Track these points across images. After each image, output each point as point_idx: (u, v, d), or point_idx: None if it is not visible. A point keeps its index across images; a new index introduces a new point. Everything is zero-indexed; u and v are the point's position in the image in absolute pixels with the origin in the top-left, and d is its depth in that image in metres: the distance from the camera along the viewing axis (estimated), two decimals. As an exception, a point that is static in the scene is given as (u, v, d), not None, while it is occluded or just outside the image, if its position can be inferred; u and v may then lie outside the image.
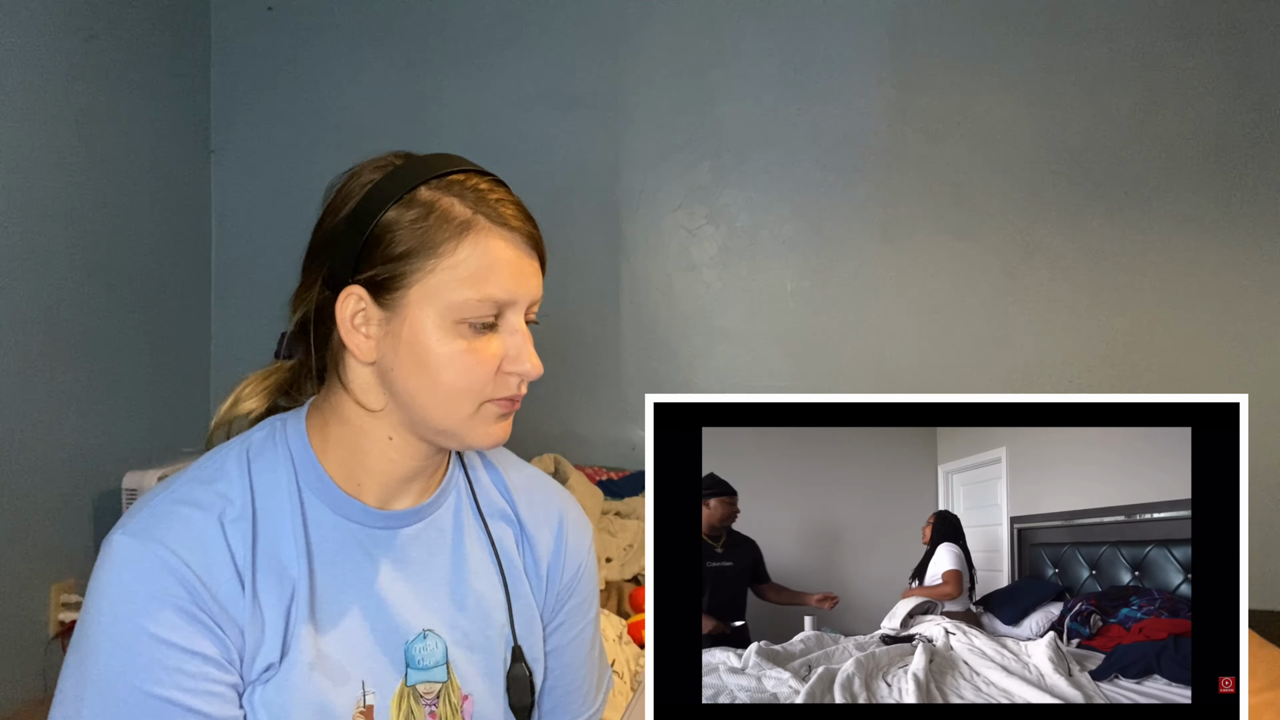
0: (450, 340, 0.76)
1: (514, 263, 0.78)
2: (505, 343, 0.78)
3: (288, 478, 0.79)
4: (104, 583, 0.72)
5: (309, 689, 0.75)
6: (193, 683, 0.71)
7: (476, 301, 0.76)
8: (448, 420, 0.78)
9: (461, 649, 0.83)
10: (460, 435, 0.79)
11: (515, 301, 0.78)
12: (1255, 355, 2.41)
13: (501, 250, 0.77)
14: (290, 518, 0.78)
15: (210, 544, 0.74)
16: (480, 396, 0.78)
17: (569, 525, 0.93)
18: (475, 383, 0.77)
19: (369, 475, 0.81)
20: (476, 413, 0.78)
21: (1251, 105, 2.40)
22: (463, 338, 0.76)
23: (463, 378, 0.76)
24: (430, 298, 0.76)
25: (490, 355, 0.77)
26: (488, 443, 0.80)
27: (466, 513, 0.88)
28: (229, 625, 0.73)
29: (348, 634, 0.78)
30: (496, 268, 0.76)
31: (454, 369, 0.76)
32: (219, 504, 0.76)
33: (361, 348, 0.78)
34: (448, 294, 0.76)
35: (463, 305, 0.76)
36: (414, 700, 0.80)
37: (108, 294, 2.35)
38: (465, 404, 0.77)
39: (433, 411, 0.78)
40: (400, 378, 0.78)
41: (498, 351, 0.78)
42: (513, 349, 0.78)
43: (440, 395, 0.77)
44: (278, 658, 0.75)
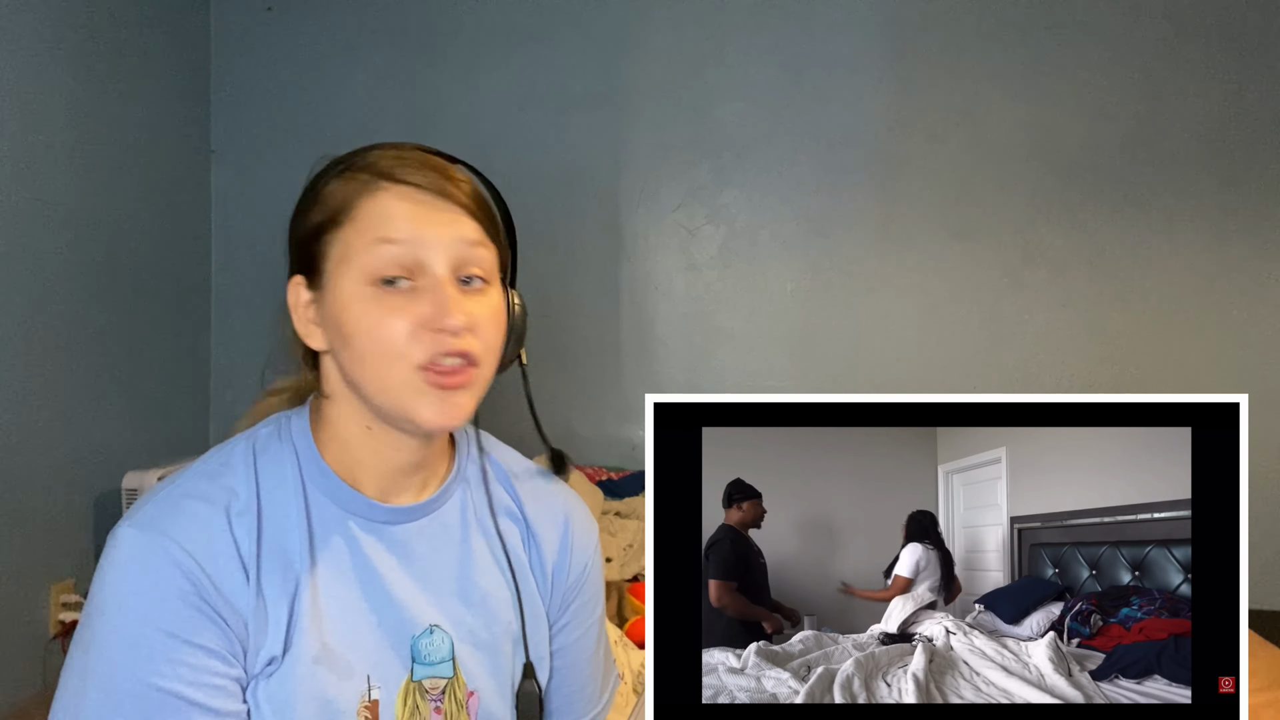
0: (363, 302, 0.74)
1: (410, 212, 0.75)
2: (423, 299, 0.74)
3: (293, 472, 0.79)
4: (109, 575, 0.72)
5: (312, 683, 0.75)
6: (196, 676, 0.71)
7: (376, 252, 0.74)
8: (381, 394, 0.75)
9: (468, 645, 0.83)
10: (400, 411, 0.76)
11: (425, 244, 0.75)
12: (1255, 355, 2.41)
13: (395, 203, 0.75)
14: (295, 512, 0.78)
15: (216, 537, 0.74)
16: (405, 360, 0.74)
17: (575, 524, 0.93)
18: (390, 342, 0.73)
19: (362, 468, 0.81)
20: (409, 382, 0.74)
21: (1251, 105, 2.40)
22: (374, 299, 0.74)
23: (379, 341, 0.74)
24: (341, 265, 0.76)
25: (408, 313, 0.74)
26: (430, 418, 0.75)
27: (473, 509, 0.88)
28: (233, 618, 0.73)
29: (353, 628, 0.78)
30: (391, 217, 0.75)
31: (368, 332, 0.74)
32: (225, 497, 0.76)
33: (311, 335, 0.80)
34: (353, 256, 0.75)
35: (364, 261, 0.74)
36: (420, 695, 0.80)
37: (108, 294, 2.35)
38: (391, 371, 0.74)
39: (367, 387, 0.76)
40: (341, 358, 0.78)
41: (417, 309, 0.74)
42: (429, 304, 0.74)
43: (366, 365, 0.75)
44: (281, 651, 0.75)
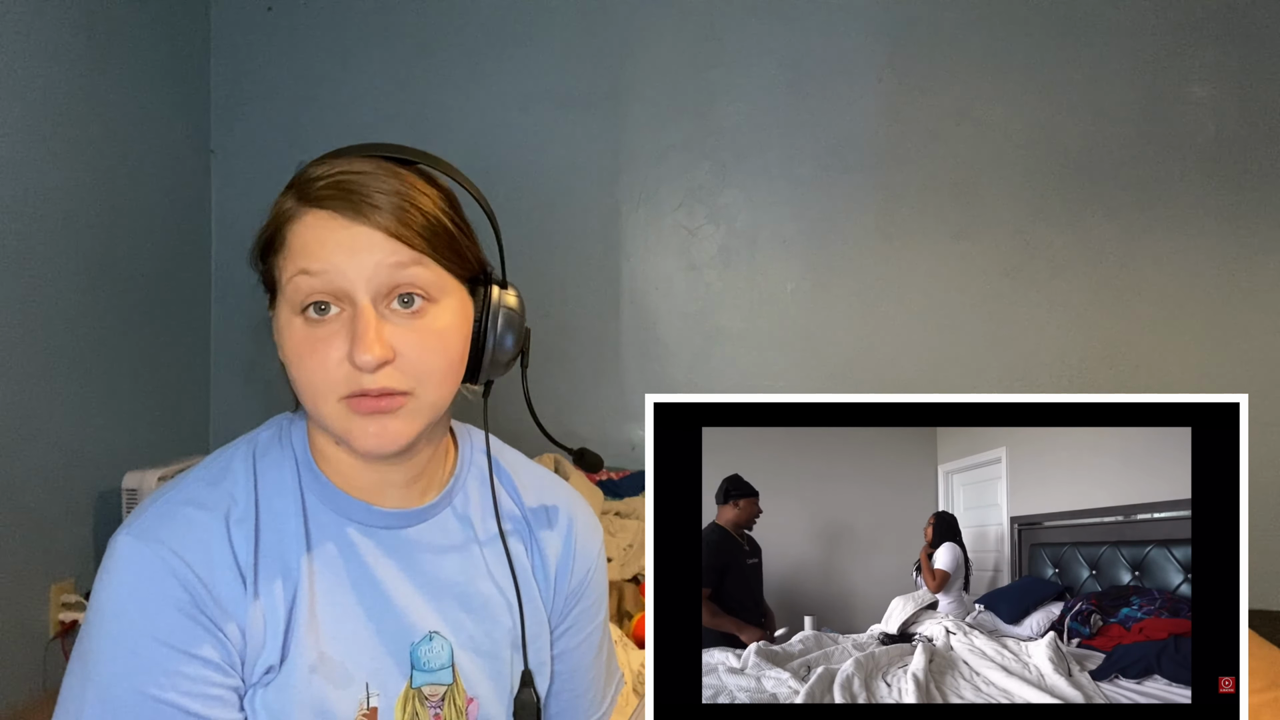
0: (294, 333, 0.73)
1: (325, 238, 0.72)
2: (344, 331, 0.71)
3: (292, 477, 0.79)
4: (107, 584, 0.72)
5: (309, 692, 0.75)
6: (193, 686, 0.71)
7: (295, 283, 0.72)
8: (324, 423, 0.74)
9: (467, 651, 0.83)
10: (340, 437, 0.74)
11: (340, 274, 0.71)
12: (1255, 355, 2.42)
13: (308, 231, 0.72)
14: (294, 518, 0.78)
15: (214, 545, 0.73)
16: (332, 392, 0.72)
17: (578, 528, 0.92)
18: (315, 375, 0.72)
19: (345, 479, 0.80)
20: (337, 412, 0.73)
21: (1251, 105, 2.40)
22: (302, 331, 0.72)
23: (306, 374, 0.72)
24: (280, 294, 0.75)
25: (332, 345, 0.71)
26: (364, 445, 0.73)
27: (475, 513, 0.87)
28: (230, 628, 0.73)
29: (352, 635, 0.78)
30: (307, 245, 0.72)
31: (298, 365, 0.73)
32: (224, 504, 0.75)
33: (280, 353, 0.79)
34: (284, 285, 0.74)
35: (291, 291, 0.72)
36: (419, 703, 0.80)
37: (108, 294, 2.35)
38: (321, 402, 0.73)
39: (310, 413, 0.76)
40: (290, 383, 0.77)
41: (341, 341, 0.71)
42: (348, 337, 0.71)
43: (304, 394, 0.74)
44: (278, 660, 0.74)
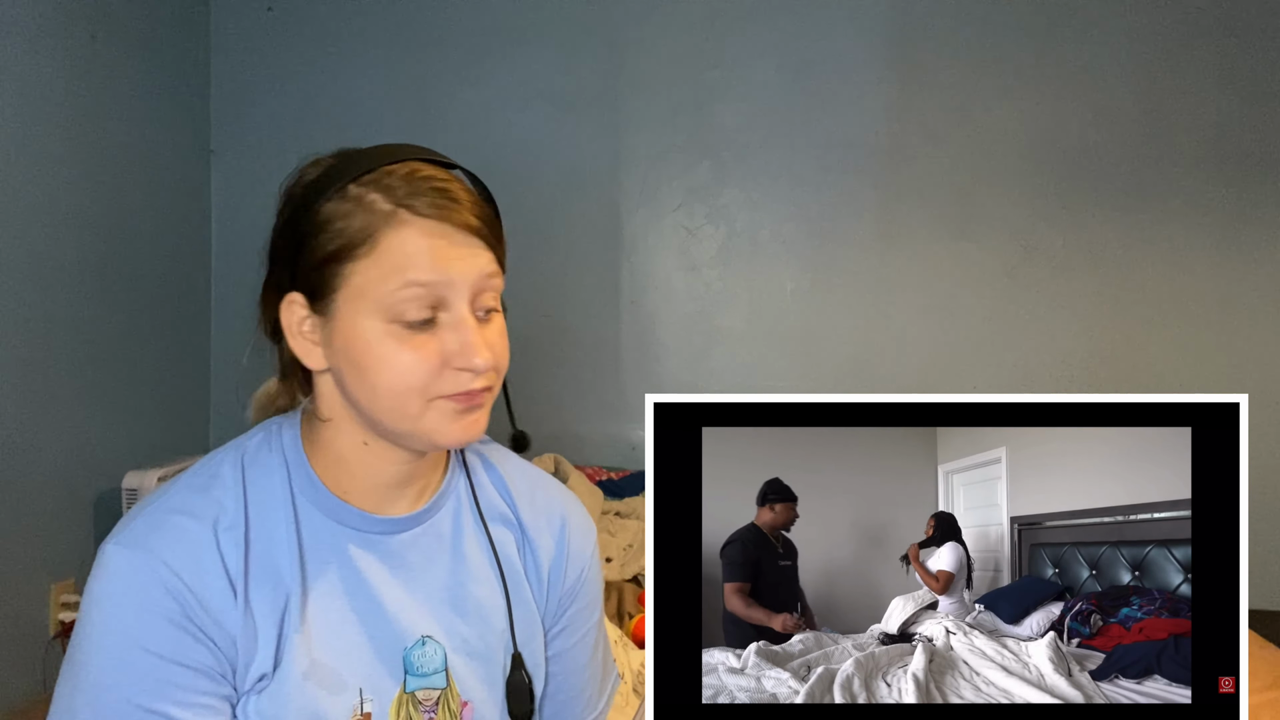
0: (384, 341, 0.72)
1: (437, 249, 0.72)
2: (447, 338, 0.73)
3: (282, 483, 0.78)
4: (96, 593, 0.71)
5: (302, 698, 0.75)
6: (184, 695, 0.71)
7: (400, 294, 0.71)
8: (400, 422, 0.75)
9: (461, 655, 0.82)
10: (420, 435, 0.75)
11: (451, 284, 0.73)
12: (1255, 355, 2.41)
13: (418, 240, 0.72)
14: (284, 524, 0.77)
15: (203, 554, 0.73)
16: (426, 395, 0.73)
17: (572, 528, 0.91)
18: (414, 382, 0.73)
19: (354, 481, 0.80)
20: (428, 411, 0.74)
21: (1251, 105, 2.40)
22: (397, 337, 0.72)
23: (400, 379, 0.72)
24: (358, 299, 0.73)
25: (430, 352, 0.72)
26: (454, 440, 0.75)
27: (466, 516, 0.86)
28: (221, 637, 0.73)
29: (344, 641, 0.78)
30: (416, 256, 0.72)
31: (390, 371, 0.72)
32: (213, 512, 0.75)
33: (310, 355, 0.76)
34: (373, 292, 0.72)
35: (389, 300, 0.72)
36: (413, 707, 0.80)
37: (107, 294, 2.35)
38: (411, 404, 0.73)
39: (381, 416, 0.75)
40: (348, 384, 0.75)
41: (439, 348, 0.73)
42: (454, 343, 0.73)
43: (383, 398, 0.73)
44: (270, 667, 0.74)
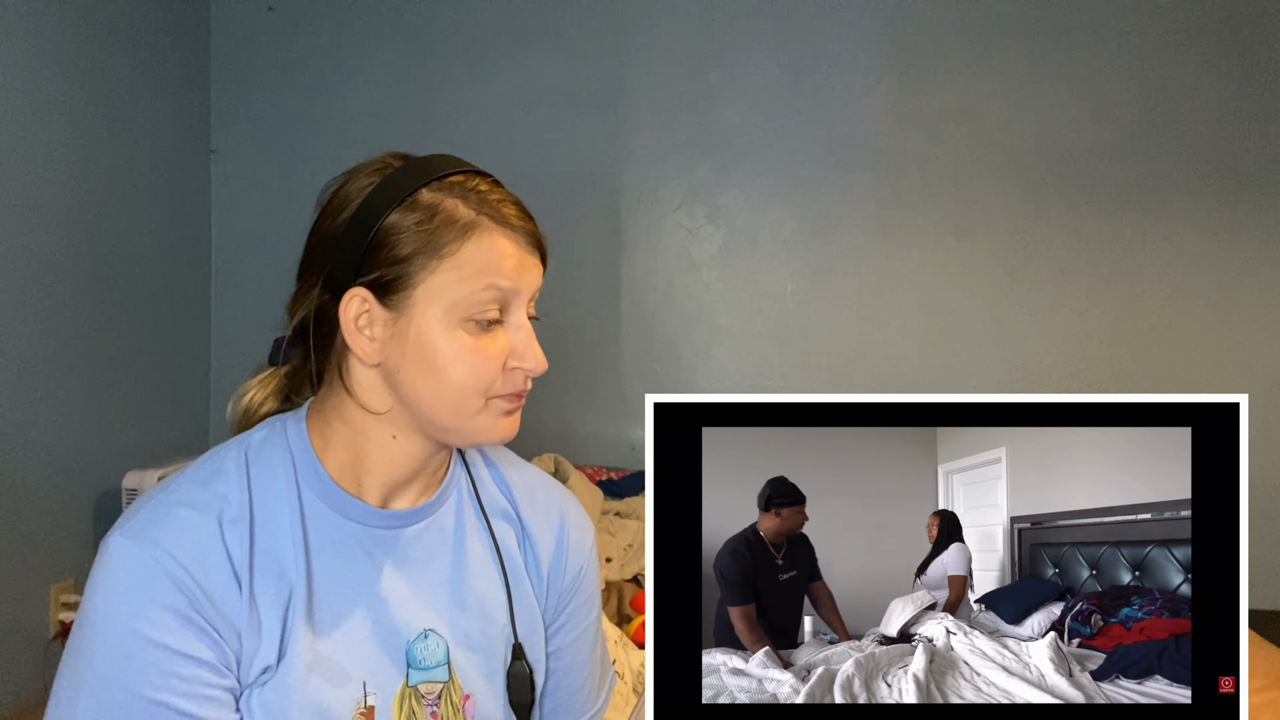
0: (456, 338, 0.77)
1: (516, 258, 0.79)
2: (510, 339, 0.79)
3: (287, 478, 0.79)
4: (100, 585, 0.72)
5: (306, 691, 0.75)
6: (187, 687, 0.71)
7: (480, 295, 0.77)
8: (456, 418, 0.79)
9: (463, 649, 0.83)
10: (468, 432, 0.80)
11: (519, 293, 0.79)
12: (1255, 355, 2.41)
13: (504, 247, 0.78)
14: (289, 518, 0.78)
15: (207, 546, 0.73)
16: (487, 393, 0.79)
17: (570, 526, 0.93)
18: (483, 380, 0.78)
19: (370, 475, 0.81)
20: (484, 409, 0.79)
21: (1251, 105, 2.40)
22: (469, 335, 0.77)
23: (471, 375, 0.77)
24: (435, 297, 0.77)
25: (496, 351, 0.78)
26: (497, 437, 0.81)
27: (468, 512, 0.88)
28: (225, 629, 0.73)
29: (348, 634, 0.78)
30: (500, 263, 0.78)
31: (462, 366, 0.77)
32: (217, 505, 0.75)
33: (366, 350, 0.79)
34: (452, 292, 0.76)
35: (467, 301, 0.77)
36: (415, 700, 0.80)
37: (107, 294, 2.35)
38: (473, 401, 0.78)
39: (441, 411, 0.79)
40: (407, 378, 0.78)
41: (503, 347, 0.79)
42: (519, 344, 0.79)
43: (449, 394, 0.78)
44: (275, 660, 0.75)
